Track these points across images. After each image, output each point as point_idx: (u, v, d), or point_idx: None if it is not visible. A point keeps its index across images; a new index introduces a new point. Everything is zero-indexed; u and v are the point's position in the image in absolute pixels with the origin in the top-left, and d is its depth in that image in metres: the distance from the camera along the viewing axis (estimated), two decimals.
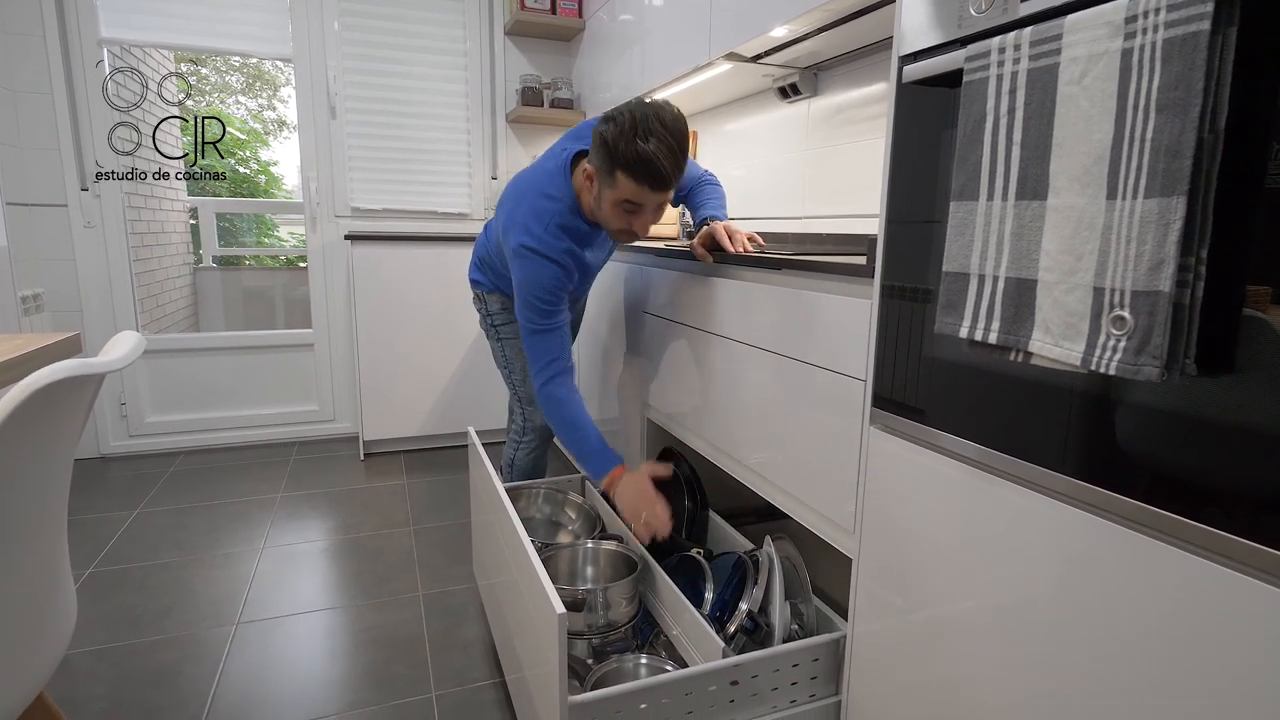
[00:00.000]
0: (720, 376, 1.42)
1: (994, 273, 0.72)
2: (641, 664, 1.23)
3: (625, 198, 1.30)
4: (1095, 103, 0.61)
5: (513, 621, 1.25)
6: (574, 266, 1.43)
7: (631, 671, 1.21)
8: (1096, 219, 0.62)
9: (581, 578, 1.43)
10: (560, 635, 0.92)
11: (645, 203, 1.30)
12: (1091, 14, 0.61)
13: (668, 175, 1.25)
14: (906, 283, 0.89)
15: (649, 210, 1.33)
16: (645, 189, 1.27)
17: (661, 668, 1.19)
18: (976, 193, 0.73)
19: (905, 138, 0.89)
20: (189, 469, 2.66)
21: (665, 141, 1.23)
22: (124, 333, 0.86)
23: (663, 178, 1.25)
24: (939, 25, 0.82)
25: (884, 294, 0.94)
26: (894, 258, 0.92)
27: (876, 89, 1.78)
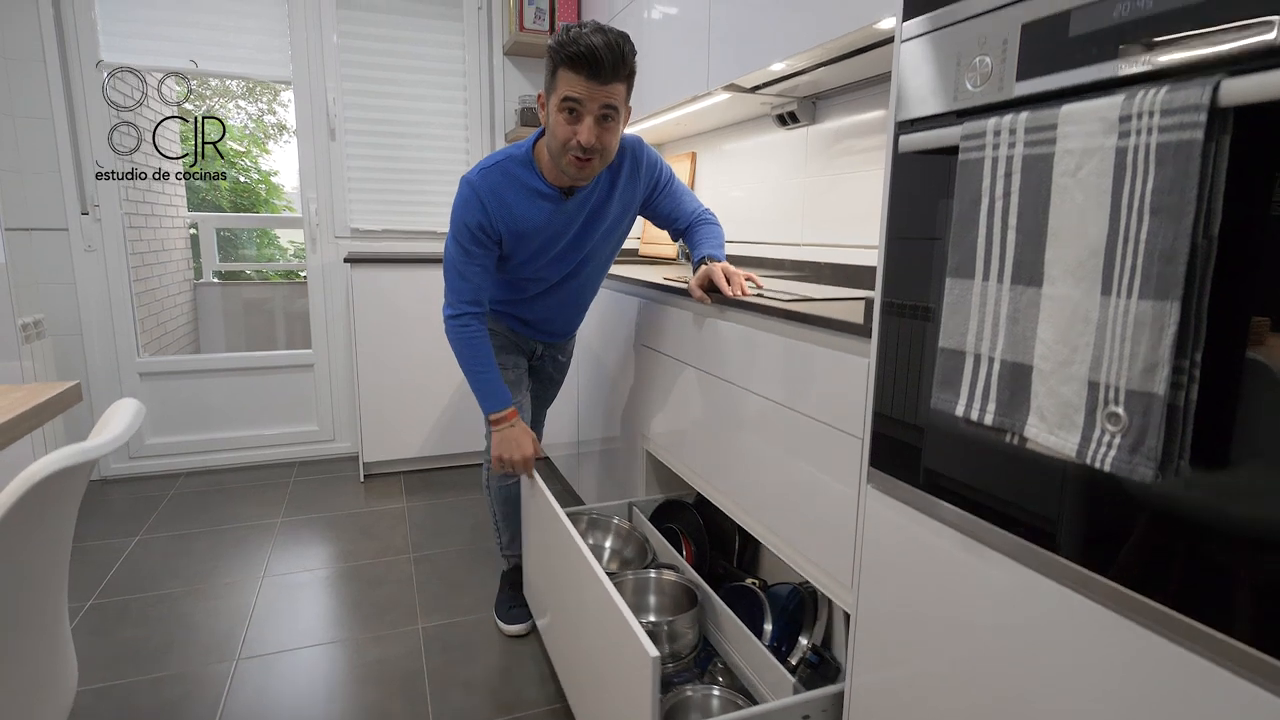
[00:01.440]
0: (719, 418, 1.42)
1: (990, 354, 0.72)
2: (714, 695, 1.24)
3: (565, 94, 1.28)
4: (1090, 197, 0.61)
5: (588, 657, 1.26)
6: (497, 215, 1.42)
7: (702, 703, 1.25)
8: (1091, 313, 0.62)
9: (644, 608, 1.46)
10: (654, 680, 0.93)
11: (584, 98, 1.28)
12: (1086, 107, 0.61)
13: (604, 62, 1.24)
14: (904, 348, 0.90)
15: (591, 113, 1.30)
16: (583, 79, 1.26)
17: (734, 701, 1.22)
18: (972, 272, 0.73)
19: (901, 203, 0.89)
20: (189, 491, 2.67)
21: (603, 35, 1.25)
22: (124, 401, 0.86)
23: (599, 64, 1.24)
24: (936, 95, 0.82)
25: (881, 356, 0.94)
26: (892, 323, 0.92)
27: (875, 119, 1.78)
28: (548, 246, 1.52)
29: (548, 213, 1.47)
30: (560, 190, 1.46)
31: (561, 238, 1.53)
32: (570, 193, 1.47)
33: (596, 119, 1.31)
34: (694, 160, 2.74)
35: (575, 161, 1.35)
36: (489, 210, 1.42)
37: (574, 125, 1.31)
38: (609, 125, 1.33)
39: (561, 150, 1.35)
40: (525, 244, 1.50)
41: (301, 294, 4.71)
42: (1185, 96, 0.53)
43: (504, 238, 1.46)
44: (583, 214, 1.52)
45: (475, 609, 1.88)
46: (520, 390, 1.76)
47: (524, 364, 1.79)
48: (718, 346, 1.41)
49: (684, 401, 1.57)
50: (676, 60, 2.10)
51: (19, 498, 0.62)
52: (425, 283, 2.74)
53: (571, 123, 1.31)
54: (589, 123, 1.30)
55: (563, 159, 1.36)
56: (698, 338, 1.49)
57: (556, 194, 1.46)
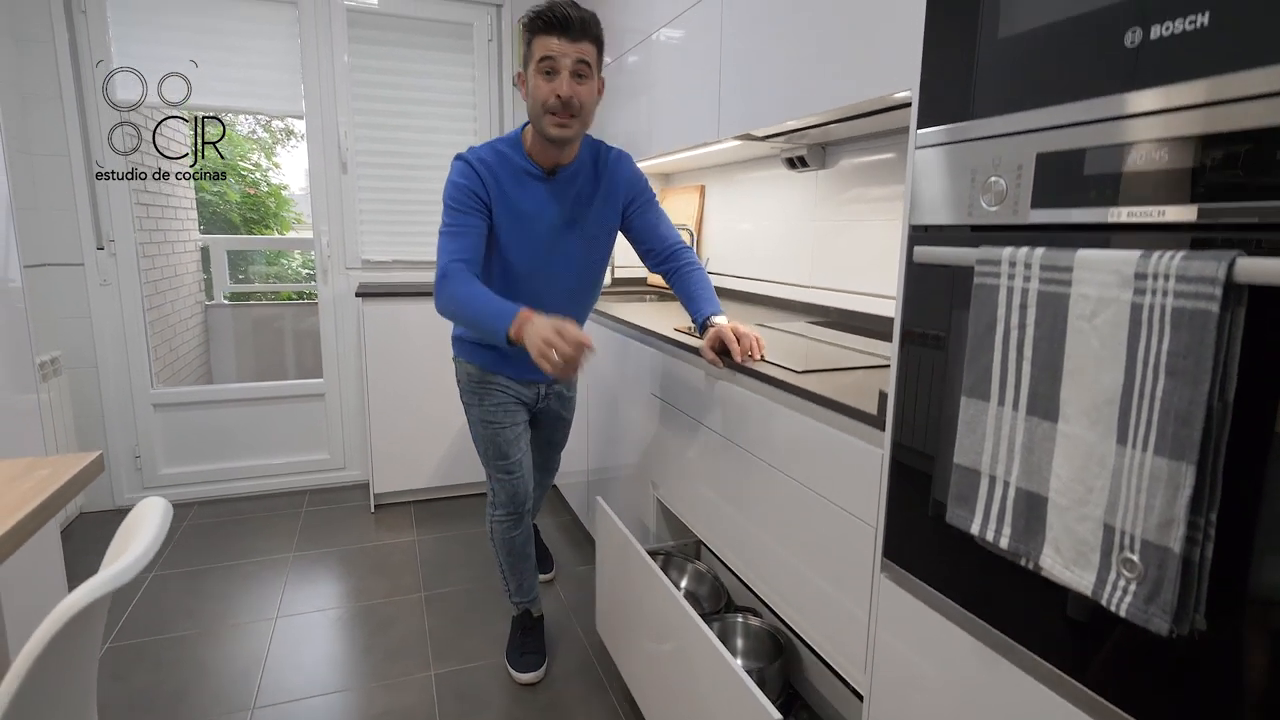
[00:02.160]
0: (731, 481, 1.43)
1: (1005, 477, 0.73)
2: None
3: (540, 55, 1.39)
4: (1106, 345, 0.62)
5: (691, 711, 1.27)
6: (488, 181, 1.48)
7: None
8: (1107, 458, 0.63)
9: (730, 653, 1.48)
10: None
11: (557, 54, 1.38)
12: (1102, 257, 0.62)
13: (573, 21, 1.37)
14: (918, 447, 0.90)
15: (566, 68, 1.39)
16: (554, 38, 1.38)
17: None
18: (987, 394, 0.74)
19: (915, 307, 0.90)
20: (202, 523, 2.69)
21: (570, 3, 1.39)
22: (149, 505, 0.87)
23: (569, 22, 1.37)
24: (951, 206, 0.83)
25: (895, 451, 0.95)
26: (907, 421, 0.93)
27: (886, 170, 1.79)
28: (535, 227, 1.54)
29: (534, 191, 1.53)
30: (545, 170, 1.53)
31: (547, 219, 1.55)
32: (554, 172, 1.54)
33: (572, 74, 1.40)
34: (702, 193, 2.76)
35: (555, 121, 1.42)
36: (480, 176, 1.49)
37: (552, 82, 1.40)
38: (584, 82, 1.43)
39: (542, 111, 1.42)
40: (514, 223, 1.52)
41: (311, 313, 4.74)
42: (1200, 267, 0.54)
43: (493, 209, 1.50)
44: (569, 198, 1.56)
45: (486, 654, 1.90)
46: (519, 447, 1.74)
47: (524, 418, 1.77)
48: (731, 410, 1.42)
49: (696, 459, 1.58)
50: (687, 107, 2.11)
51: (52, 638, 0.64)
52: (435, 315, 2.75)
53: (549, 81, 1.40)
54: (565, 76, 1.40)
55: (544, 121, 1.43)
56: (711, 398, 1.50)
57: (541, 172, 1.53)
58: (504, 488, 1.75)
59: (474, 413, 1.73)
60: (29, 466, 1.18)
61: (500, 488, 1.75)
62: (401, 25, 2.86)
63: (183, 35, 2.59)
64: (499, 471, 1.74)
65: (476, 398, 1.71)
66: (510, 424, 1.72)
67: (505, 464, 1.73)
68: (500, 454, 1.72)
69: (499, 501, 1.77)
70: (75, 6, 2.49)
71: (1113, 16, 0.64)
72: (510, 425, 1.72)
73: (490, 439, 1.72)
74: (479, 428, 1.73)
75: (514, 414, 1.73)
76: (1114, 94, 0.64)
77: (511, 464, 1.73)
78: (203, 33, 2.61)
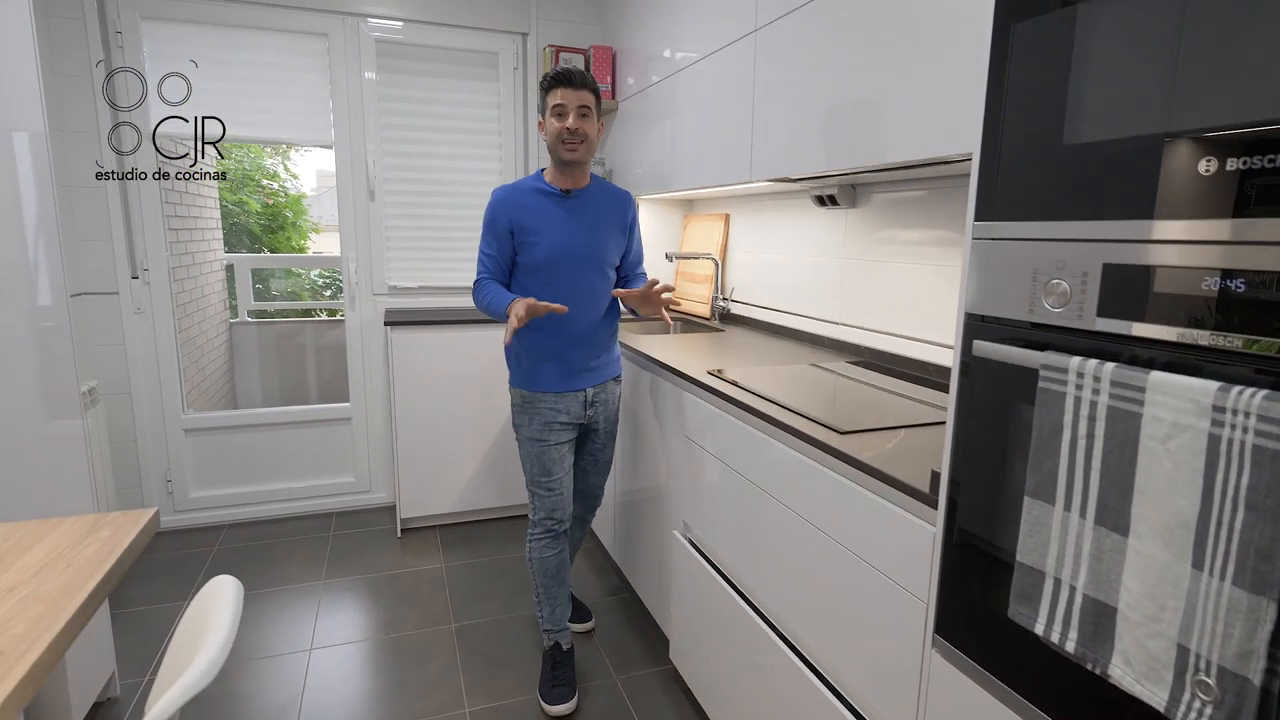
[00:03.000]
0: (771, 534, 1.44)
1: (1071, 582, 0.74)
2: None
3: (553, 104, 1.76)
4: (1180, 470, 0.63)
5: None
6: (510, 208, 1.81)
7: None
8: (1181, 580, 0.64)
9: None
10: None
11: (566, 101, 1.75)
12: (1178, 384, 0.63)
13: (574, 75, 1.76)
14: (973, 531, 0.91)
15: (571, 109, 1.75)
16: (562, 89, 1.75)
17: None
18: (1052, 498, 0.75)
19: (970, 398, 0.91)
20: (233, 547, 2.73)
21: (570, 65, 1.82)
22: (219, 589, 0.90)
23: (570, 76, 1.75)
24: (1011, 301, 0.84)
25: (948, 532, 0.96)
26: (961, 504, 0.93)
27: (918, 214, 1.80)
28: (554, 231, 1.81)
29: (552, 206, 1.83)
30: (562, 190, 1.84)
31: (564, 226, 1.83)
32: (569, 193, 1.85)
33: (577, 113, 1.76)
34: (727, 222, 2.77)
35: (566, 146, 1.77)
36: (502, 205, 1.83)
37: (563, 120, 1.76)
38: (587, 119, 1.78)
39: (556, 141, 1.78)
40: (539, 231, 1.81)
41: (333, 328, 4.79)
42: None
43: (515, 228, 1.81)
44: (581, 211, 1.85)
45: (519, 689, 1.92)
46: (563, 467, 1.90)
47: (569, 437, 1.91)
48: (774, 464, 1.43)
49: (732, 506, 1.59)
50: (717, 145, 2.12)
51: None
52: (461, 342, 2.78)
53: (561, 120, 1.76)
54: (573, 116, 1.76)
55: (559, 149, 1.78)
56: (751, 449, 1.51)
57: (558, 191, 1.85)
58: (544, 501, 1.91)
59: (524, 432, 1.90)
60: (91, 526, 1.21)
61: (540, 502, 1.91)
62: (428, 55, 2.89)
63: (214, 67, 2.62)
64: (541, 488, 1.90)
65: (526, 418, 1.89)
66: (555, 442, 1.88)
67: (548, 480, 1.89)
68: (544, 470, 1.89)
69: (538, 519, 1.92)
70: (112, 43, 2.53)
71: (1188, 143, 0.65)
72: (555, 444, 1.88)
73: (537, 456, 1.88)
74: (527, 445, 1.89)
75: (559, 433, 1.89)
76: (1186, 219, 0.65)
77: (554, 480, 1.89)
78: (234, 65, 2.65)
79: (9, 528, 1.17)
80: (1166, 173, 0.67)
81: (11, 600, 0.96)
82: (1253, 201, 0.60)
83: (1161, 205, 0.67)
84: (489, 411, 2.87)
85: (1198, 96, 0.64)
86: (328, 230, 8.68)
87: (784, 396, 1.51)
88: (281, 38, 2.71)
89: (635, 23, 2.70)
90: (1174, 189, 0.66)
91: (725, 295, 2.75)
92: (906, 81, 1.34)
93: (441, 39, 2.88)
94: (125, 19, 2.54)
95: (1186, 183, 0.65)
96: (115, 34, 2.54)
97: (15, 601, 0.96)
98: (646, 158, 2.74)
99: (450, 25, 2.88)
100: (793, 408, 1.42)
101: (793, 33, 1.70)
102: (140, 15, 2.55)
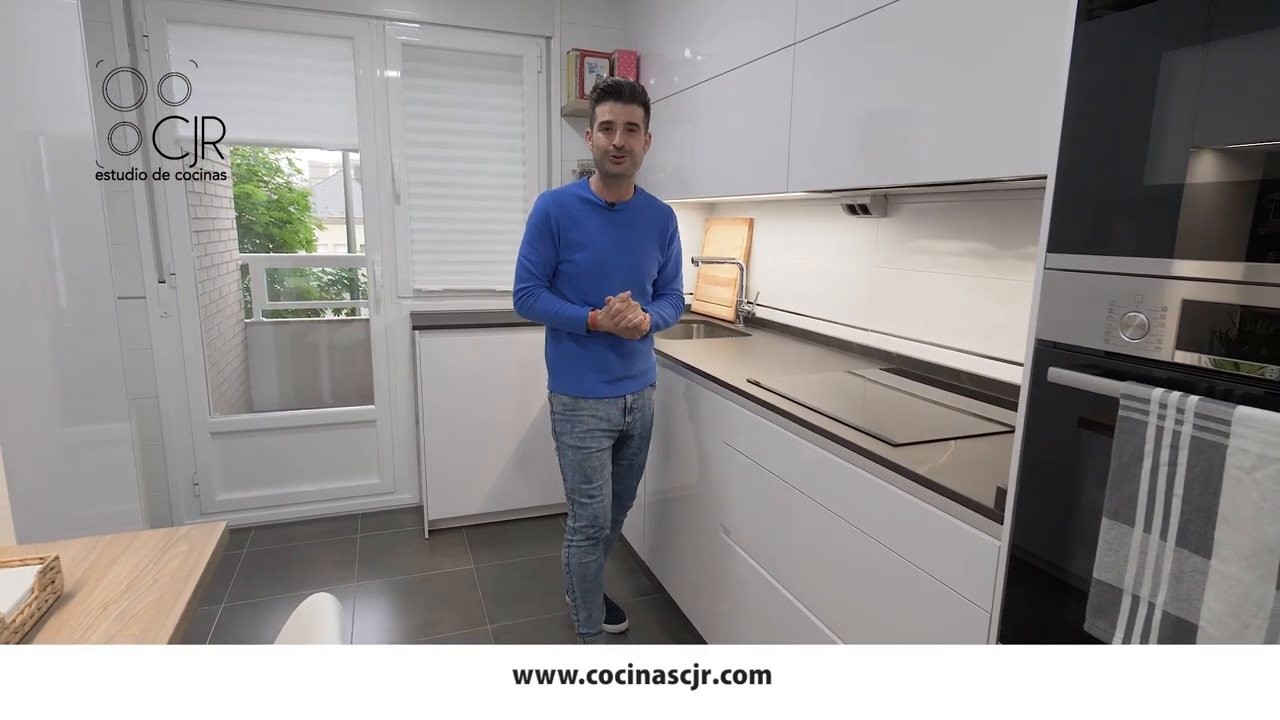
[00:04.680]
0: (818, 540, 1.48)
1: (1150, 599, 0.78)
2: None
3: (600, 119, 1.77)
4: (1267, 499, 0.68)
5: None
6: (557, 214, 1.82)
7: None
8: (1265, 601, 0.68)
9: None
10: None
11: (614, 117, 1.75)
12: (1265, 419, 0.67)
13: (624, 89, 1.75)
14: (1039, 547, 0.96)
15: (619, 125, 1.76)
16: (609, 103, 1.76)
17: None
18: (1132, 520, 0.80)
19: (1041, 420, 0.95)
20: (262, 549, 2.76)
21: (619, 78, 1.78)
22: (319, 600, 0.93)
23: (620, 90, 1.75)
24: (1086, 331, 0.88)
25: (1014, 548, 1.00)
26: (1028, 521, 0.98)
27: (951, 225, 1.84)
28: (598, 242, 1.84)
29: (597, 216, 1.86)
30: (607, 203, 1.86)
31: (608, 237, 1.85)
32: (614, 205, 1.87)
33: (624, 129, 1.77)
34: (751, 226, 2.80)
35: (613, 160, 1.78)
36: (551, 210, 1.83)
37: (609, 136, 1.77)
38: (634, 135, 1.79)
39: (603, 157, 1.79)
40: (583, 242, 1.83)
41: (346, 326, 4.80)
42: None
43: (561, 235, 1.83)
44: (625, 225, 1.88)
45: None
46: (603, 475, 1.95)
47: (609, 444, 1.96)
48: (821, 473, 1.47)
49: (776, 512, 1.64)
50: (751, 154, 2.15)
51: None
52: (488, 345, 2.81)
53: (608, 135, 1.77)
54: (620, 131, 1.76)
55: (605, 163, 1.79)
56: (795, 457, 1.55)
57: (604, 204, 1.87)
58: (585, 510, 1.95)
59: (565, 439, 1.93)
60: (165, 540, 1.24)
61: (582, 511, 1.94)
62: (453, 58, 2.90)
63: (241, 71, 2.63)
64: (582, 496, 1.93)
65: (569, 425, 1.91)
66: (597, 449, 1.92)
67: (589, 488, 1.92)
68: (585, 478, 1.92)
69: (578, 526, 1.95)
70: (139, 46, 2.54)
71: (1269, 191, 0.69)
72: (596, 451, 1.92)
73: (578, 464, 1.92)
74: (568, 454, 1.93)
75: (600, 440, 1.93)
76: (1275, 262, 0.69)
77: (594, 489, 1.93)
78: (260, 69, 2.66)
79: (86, 544, 1.20)
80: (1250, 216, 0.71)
81: (109, 618, 0.99)
82: None
83: (1245, 249, 0.71)
84: (516, 413, 2.91)
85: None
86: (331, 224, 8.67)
87: (828, 406, 1.55)
88: (307, 41, 2.71)
89: (661, 28, 2.71)
90: (1259, 234, 0.70)
91: (751, 299, 2.79)
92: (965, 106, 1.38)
93: (466, 42, 2.90)
94: (151, 22, 2.54)
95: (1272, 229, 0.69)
96: (142, 37, 2.54)
97: (113, 619, 0.99)
98: (670, 161, 2.77)
99: (475, 29, 2.89)
100: (841, 418, 1.46)
101: (836, 46, 1.73)
102: (167, 19, 2.56)
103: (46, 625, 0.94)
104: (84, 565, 1.11)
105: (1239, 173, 0.72)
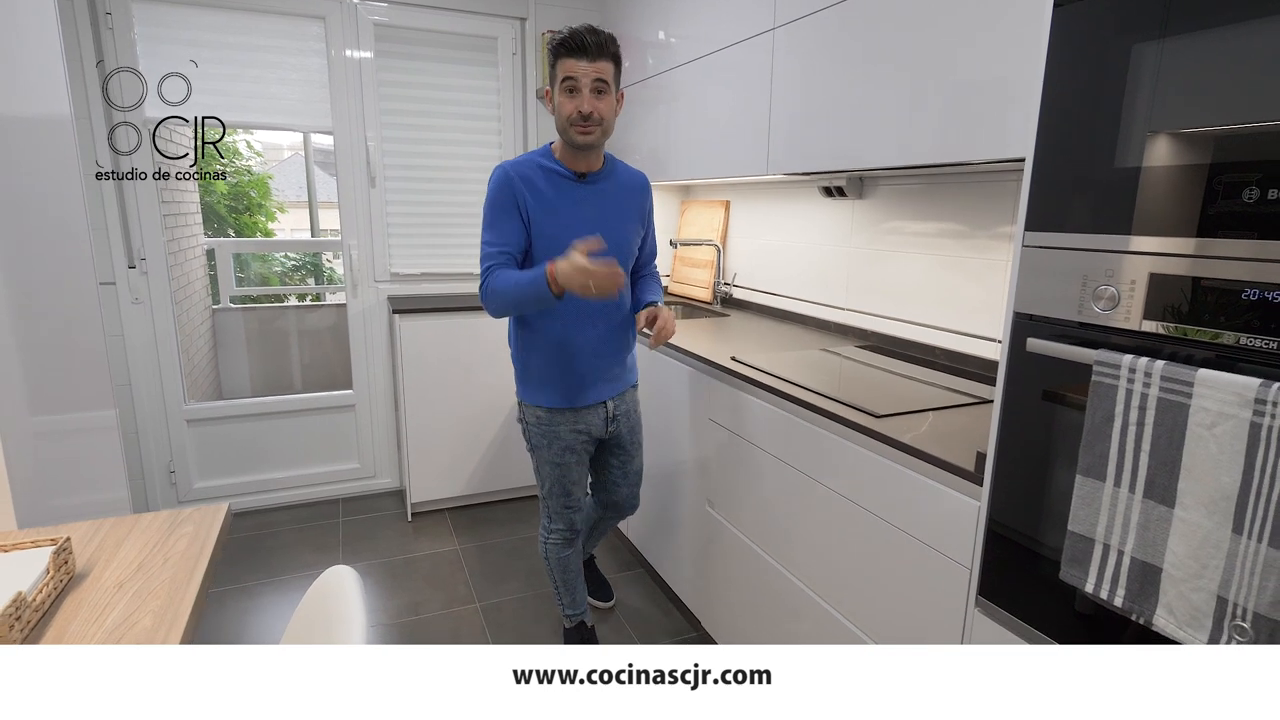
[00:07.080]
0: (801, 508, 1.55)
1: (1120, 547, 0.86)
2: None
3: (563, 75, 1.54)
4: (1224, 451, 0.75)
5: None
6: (521, 185, 1.61)
7: None
8: (1222, 543, 0.76)
9: None
10: None
11: (578, 75, 1.53)
12: (1223, 380, 0.75)
13: (588, 42, 1.52)
14: (1016, 505, 1.03)
15: (585, 86, 1.54)
16: (574, 59, 1.53)
17: None
18: (1103, 475, 0.87)
19: (1018, 387, 1.02)
20: (243, 536, 2.74)
21: (584, 27, 1.54)
22: (338, 571, 0.95)
23: (586, 44, 1.51)
24: (1061, 303, 0.95)
25: (992, 507, 1.08)
26: (1004, 481, 1.05)
27: (926, 206, 1.91)
28: (570, 220, 1.64)
29: (565, 189, 1.66)
30: (576, 174, 1.66)
31: (581, 214, 1.66)
32: (584, 176, 1.68)
33: (592, 91, 1.55)
34: (727, 209, 2.85)
35: (579, 130, 1.57)
36: (514, 182, 1.62)
37: (575, 100, 1.55)
38: (603, 97, 1.57)
39: (567, 124, 1.57)
40: (551, 217, 1.63)
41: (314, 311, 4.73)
42: None
43: (529, 210, 1.62)
44: (599, 196, 1.69)
45: None
46: (582, 487, 1.89)
47: (588, 456, 1.87)
48: (804, 443, 1.53)
49: (760, 484, 1.70)
50: (730, 137, 2.19)
51: None
52: (467, 328, 2.82)
53: (573, 99, 1.55)
54: (586, 94, 1.54)
55: (570, 131, 1.58)
56: (780, 430, 1.61)
57: (572, 175, 1.66)
58: (563, 518, 1.90)
59: (543, 455, 1.81)
60: (170, 521, 1.25)
61: (559, 517, 1.90)
62: (427, 39, 2.87)
63: (210, 52, 2.57)
64: (562, 507, 1.88)
65: (546, 441, 1.79)
66: (576, 464, 1.83)
67: (567, 500, 1.87)
68: (564, 491, 1.86)
69: (555, 528, 1.92)
70: (102, 24, 2.46)
71: (1233, 173, 0.76)
72: (576, 466, 1.84)
73: (558, 480, 1.83)
74: (547, 469, 1.82)
75: (580, 456, 1.84)
76: (1230, 238, 0.76)
77: (573, 501, 1.88)
78: (230, 49, 2.60)
79: (89, 526, 1.20)
80: (1213, 197, 0.78)
81: (127, 596, 1.00)
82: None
83: (1206, 225, 0.78)
84: (496, 396, 2.92)
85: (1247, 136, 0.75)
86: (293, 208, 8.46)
87: (810, 381, 1.61)
88: (278, 20, 2.66)
89: (637, 11, 2.72)
90: (1220, 212, 0.77)
91: (728, 281, 2.84)
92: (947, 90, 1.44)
93: (440, 23, 2.87)
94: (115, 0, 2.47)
95: (1232, 208, 0.76)
96: (105, 14, 2.46)
97: (131, 596, 1.00)
98: (645, 143, 2.80)
99: (449, 9, 2.86)
100: (824, 392, 1.53)
101: (816, 30, 1.77)
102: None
103: (64, 605, 0.95)
104: (91, 547, 1.12)
105: (1192, 157, 0.79)
